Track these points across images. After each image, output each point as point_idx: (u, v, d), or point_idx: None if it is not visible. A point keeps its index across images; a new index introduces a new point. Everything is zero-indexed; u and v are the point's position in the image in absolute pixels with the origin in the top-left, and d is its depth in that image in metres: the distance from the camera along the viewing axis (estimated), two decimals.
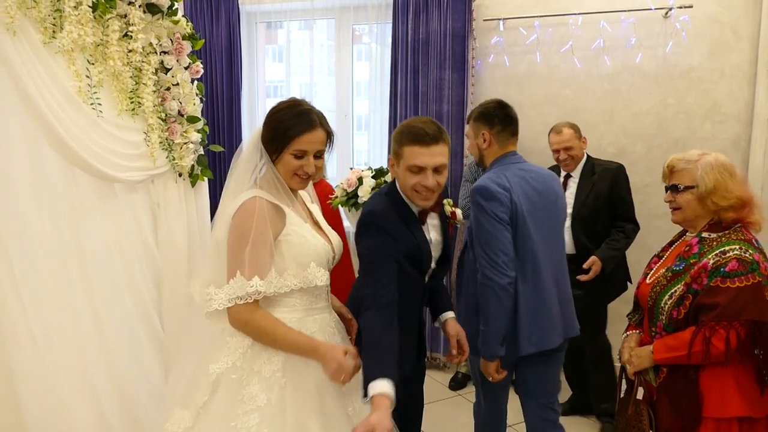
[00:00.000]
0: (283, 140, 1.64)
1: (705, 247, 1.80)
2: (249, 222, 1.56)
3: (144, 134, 2.54)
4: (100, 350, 2.38)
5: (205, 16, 4.25)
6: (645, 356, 1.85)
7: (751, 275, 1.69)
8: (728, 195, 1.78)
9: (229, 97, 4.33)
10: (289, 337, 1.59)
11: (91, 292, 2.37)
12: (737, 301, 1.67)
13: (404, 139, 1.79)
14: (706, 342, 1.67)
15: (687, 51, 3.71)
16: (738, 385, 1.72)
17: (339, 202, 2.85)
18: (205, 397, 1.60)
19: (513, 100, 3.99)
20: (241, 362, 1.60)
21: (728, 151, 3.70)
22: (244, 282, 1.55)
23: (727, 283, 1.68)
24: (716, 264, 1.72)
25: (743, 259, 1.70)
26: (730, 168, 1.82)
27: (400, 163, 1.81)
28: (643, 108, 3.81)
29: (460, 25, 3.88)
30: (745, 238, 1.77)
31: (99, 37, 2.32)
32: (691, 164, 1.84)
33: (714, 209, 1.81)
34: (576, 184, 3.27)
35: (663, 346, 1.79)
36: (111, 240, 2.48)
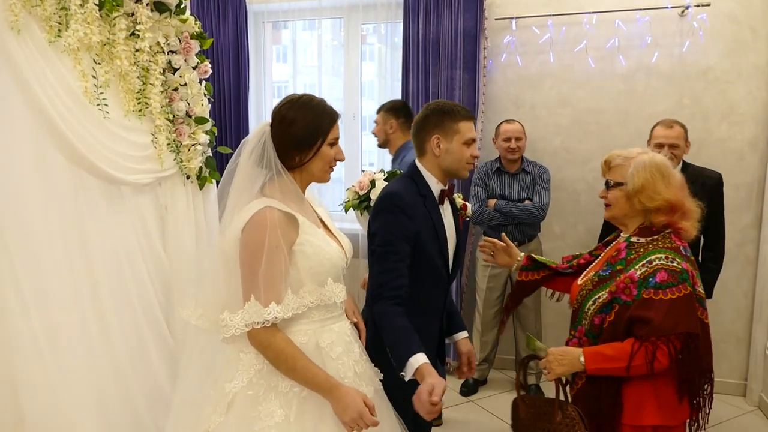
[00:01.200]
0: (321, 133, 1.60)
1: (632, 253, 1.76)
2: (261, 237, 1.48)
3: (151, 136, 2.48)
4: (106, 355, 2.34)
5: (212, 15, 4.20)
6: (572, 362, 1.73)
7: (682, 286, 1.64)
8: (655, 196, 1.72)
9: (236, 98, 4.28)
10: (310, 369, 1.50)
11: (97, 295, 2.32)
12: (672, 314, 1.62)
13: (457, 116, 1.90)
14: (651, 356, 1.61)
15: (704, 50, 3.63)
16: (656, 394, 1.69)
17: (351, 205, 2.79)
18: (220, 418, 1.52)
19: (525, 101, 3.99)
20: (257, 378, 1.53)
21: (746, 152, 3.64)
22: (260, 308, 1.47)
23: (659, 294, 1.63)
24: (644, 275, 1.67)
25: (672, 269, 1.66)
26: (665, 170, 1.76)
27: (453, 139, 1.90)
28: (659, 109, 3.74)
29: (472, 24, 3.82)
30: (673, 246, 1.72)
31: (105, 36, 2.26)
32: (626, 161, 1.80)
33: (641, 209, 1.76)
34: None
35: (599, 356, 1.69)
36: (118, 243, 2.43)
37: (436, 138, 1.91)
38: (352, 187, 2.80)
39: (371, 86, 4.51)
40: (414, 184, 1.94)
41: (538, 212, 3.53)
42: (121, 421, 2.34)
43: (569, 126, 3.90)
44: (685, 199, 1.77)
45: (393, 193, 1.90)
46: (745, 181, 3.66)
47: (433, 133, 1.91)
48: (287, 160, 1.60)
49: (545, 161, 3.80)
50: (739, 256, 3.70)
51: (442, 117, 1.91)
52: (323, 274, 1.59)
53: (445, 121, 1.91)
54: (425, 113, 1.96)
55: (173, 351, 2.61)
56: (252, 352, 1.55)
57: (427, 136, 1.93)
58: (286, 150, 1.59)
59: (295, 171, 1.62)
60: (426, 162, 1.96)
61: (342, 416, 1.49)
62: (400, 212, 1.84)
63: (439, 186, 1.97)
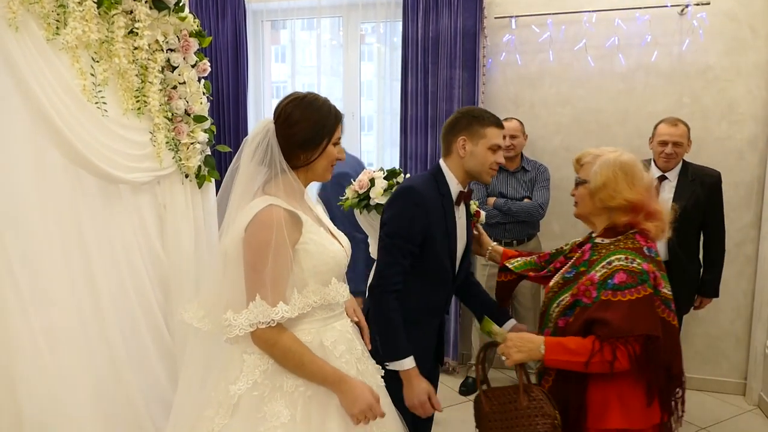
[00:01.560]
0: (327, 133, 1.60)
1: (595, 254, 1.74)
2: (267, 236, 1.46)
3: (150, 134, 2.47)
4: (104, 354, 2.33)
5: (211, 13, 4.19)
6: (532, 349, 1.68)
7: (641, 287, 1.61)
8: (616, 195, 1.70)
9: (235, 97, 4.27)
10: (316, 364, 1.51)
11: (95, 295, 2.31)
12: (630, 315, 1.58)
13: (486, 121, 1.96)
14: (612, 355, 1.57)
15: (703, 49, 3.63)
16: (620, 397, 1.65)
17: (351, 204, 2.78)
18: (224, 421, 1.50)
19: (525, 100, 3.98)
20: (262, 378, 1.51)
21: (745, 151, 3.64)
22: (266, 308, 1.46)
23: (618, 296, 1.60)
24: (603, 276, 1.65)
25: (631, 270, 1.62)
26: (630, 170, 1.72)
27: (479, 143, 1.95)
28: (658, 108, 3.73)
29: (471, 22, 3.81)
30: (635, 246, 1.68)
31: (104, 34, 2.25)
32: (594, 159, 1.78)
33: (601, 207, 1.74)
34: (673, 189, 3.10)
35: (559, 348, 1.65)
36: (116, 242, 2.42)
37: (462, 139, 1.96)
38: (351, 186, 2.78)
39: (370, 86, 4.50)
40: (435, 181, 1.99)
41: (537, 210, 3.52)
42: (119, 420, 2.33)
43: (569, 125, 3.90)
44: (650, 200, 1.73)
45: (411, 185, 1.96)
46: (745, 180, 3.65)
47: (461, 134, 1.97)
48: (292, 159, 1.59)
49: (545, 160, 3.79)
50: (739, 256, 3.70)
51: (472, 120, 1.97)
52: (327, 273, 1.58)
53: (474, 124, 1.96)
54: (457, 116, 2.03)
55: (172, 350, 2.60)
56: (256, 353, 1.53)
57: (454, 137, 1.99)
58: (291, 149, 1.58)
59: (299, 170, 1.62)
60: (450, 162, 2.02)
61: (350, 409, 1.50)
62: (414, 204, 1.90)
63: (459, 187, 2.01)
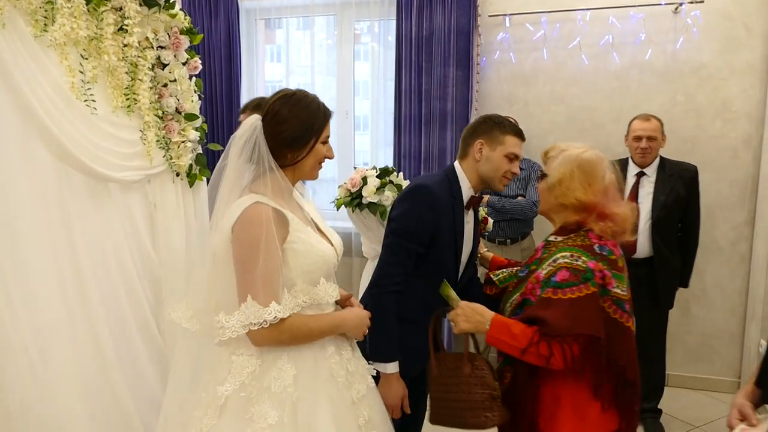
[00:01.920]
0: (316, 131, 1.58)
1: (546, 252, 1.73)
2: (256, 234, 1.44)
3: (140, 132, 2.45)
4: (94, 354, 2.30)
5: (203, 11, 4.16)
6: (480, 322, 1.65)
7: (584, 285, 1.55)
8: (569, 193, 1.66)
9: (228, 95, 4.25)
10: (319, 323, 1.57)
11: (85, 296, 2.29)
12: (569, 314, 1.52)
13: (507, 129, 1.95)
14: (548, 351, 1.53)
15: (697, 47, 3.63)
16: (572, 402, 1.60)
17: (343, 203, 2.77)
18: (212, 422, 1.49)
19: (519, 98, 3.97)
20: (250, 380, 1.49)
21: (739, 149, 3.63)
22: (258, 309, 1.43)
23: (558, 294, 1.55)
24: (548, 274, 1.61)
25: (575, 268, 1.57)
26: (589, 169, 1.67)
27: (496, 149, 1.94)
28: (652, 106, 3.72)
29: (465, 21, 3.80)
30: (584, 244, 1.64)
31: (93, 31, 2.22)
32: (559, 154, 1.75)
33: (557, 203, 1.71)
34: (653, 184, 3.17)
35: (504, 329, 1.60)
36: (106, 242, 2.39)
37: (480, 143, 1.95)
38: (343, 185, 2.77)
39: (365, 85, 4.49)
40: (448, 182, 1.98)
41: (531, 208, 3.51)
42: (108, 420, 2.30)
43: (563, 123, 3.89)
44: (606, 202, 1.67)
45: (423, 184, 1.95)
46: (739, 178, 3.65)
47: (479, 138, 1.96)
48: (279, 158, 1.57)
49: (538, 159, 3.76)
50: (733, 254, 3.70)
51: (493, 126, 1.96)
52: (315, 272, 1.57)
53: (494, 130, 1.95)
54: (479, 119, 2.03)
55: (163, 350, 2.58)
56: (244, 354, 1.52)
57: (473, 140, 1.98)
58: (278, 148, 1.56)
59: (286, 168, 1.59)
60: (465, 164, 2.00)
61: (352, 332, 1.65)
62: (424, 204, 1.89)
63: (470, 192, 2.00)
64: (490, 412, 1.64)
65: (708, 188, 3.69)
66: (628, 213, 1.69)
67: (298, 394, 1.50)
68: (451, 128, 3.88)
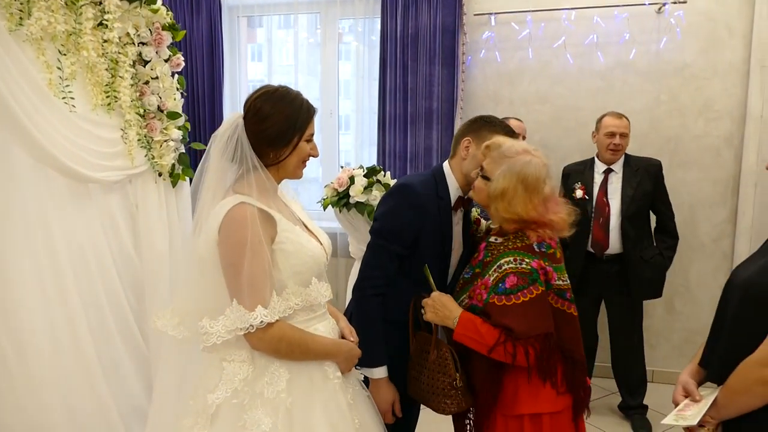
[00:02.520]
0: (298, 129, 1.53)
1: (488, 255, 1.74)
2: (242, 236, 1.40)
3: (121, 131, 2.39)
4: (75, 360, 2.25)
5: (185, 8, 4.08)
6: (447, 317, 1.70)
7: (533, 287, 1.62)
8: (510, 209, 1.66)
9: (210, 94, 4.17)
10: (318, 342, 1.54)
11: (65, 301, 2.23)
12: (527, 317, 1.61)
13: (497, 128, 1.91)
14: (513, 350, 1.60)
15: (680, 47, 3.65)
16: (529, 384, 1.67)
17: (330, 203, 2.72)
18: (204, 431, 1.44)
19: (504, 97, 3.96)
20: (242, 386, 1.45)
21: (721, 148, 3.67)
22: (244, 313, 1.39)
23: (512, 299, 1.62)
24: (495, 280, 1.65)
25: (521, 272, 1.63)
26: (532, 185, 1.66)
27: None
28: (636, 105, 3.75)
29: (450, 19, 3.78)
30: (524, 244, 1.67)
31: (71, 26, 2.16)
32: (502, 158, 1.71)
33: (495, 211, 1.71)
34: (620, 179, 3.23)
35: (471, 326, 1.65)
36: (86, 245, 2.33)
37: (467, 140, 1.92)
38: (330, 184, 2.73)
39: (348, 85, 4.45)
40: (434, 181, 1.93)
41: None
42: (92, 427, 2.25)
43: (548, 122, 3.89)
44: (546, 213, 1.69)
45: (407, 183, 1.91)
46: (721, 177, 3.69)
47: (467, 135, 1.93)
48: (262, 157, 1.52)
49: None
50: (716, 251, 3.73)
51: (482, 125, 1.93)
52: (306, 273, 1.53)
53: (483, 129, 1.92)
54: (472, 119, 1.99)
55: (145, 354, 2.52)
56: (236, 360, 1.47)
57: (461, 138, 1.95)
58: (260, 146, 1.51)
59: (270, 167, 1.54)
60: (453, 163, 1.97)
61: (344, 365, 1.61)
62: (407, 203, 1.85)
63: (458, 192, 1.95)
64: (449, 399, 1.71)
65: (691, 186, 3.73)
66: (565, 217, 1.72)
67: (292, 399, 1.46)
68: (436, 127, 3.86)
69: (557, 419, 1.69)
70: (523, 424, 1.68)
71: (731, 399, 1.36)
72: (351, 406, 1.57)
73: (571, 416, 1.73)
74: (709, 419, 1.39)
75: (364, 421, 1.61)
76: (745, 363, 1.33)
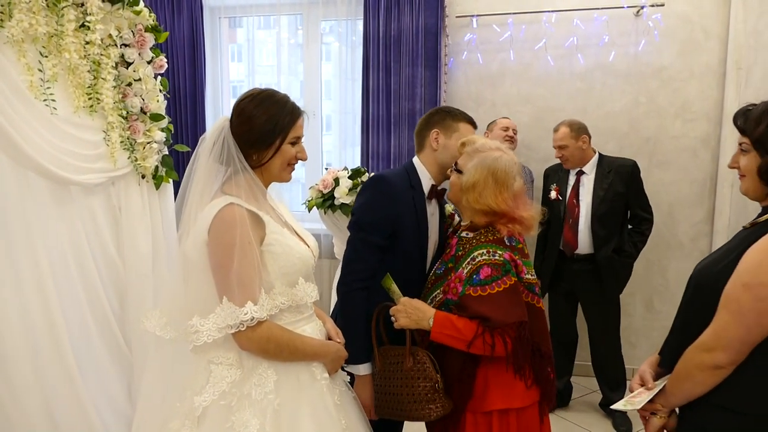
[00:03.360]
0: (281, 130, 1.53)
1: (460, 249, 1.78)
2: (231, 236, 1.40)
3: (103, 133, 2.36)
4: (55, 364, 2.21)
5: (166, 9, 4.05)
6: (421, 319, 1.71)
7: (506, 277, 1.66)
8: (480, 200, 1.72)
9: (192, 95, 4.15)
10: (306, 343, 1.54)
11: (45, 304, 2.20)
12: (501, 306, 1.64)
13: (459, 117, 2.01)
14: (492, 340, 1.63)
15: (658, 50, 3.72)
16: (499, 380, 1.70)
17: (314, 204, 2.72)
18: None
19: (486, 99, 3.99)
20: (230, 388, 1.45)
21: (698, 149, 3.74)
22: (234, 309, 1.39)
23: (487, 290, 1.65)
24: (469, 272, 1.69)
25: (494, 263, 1.67)
26: (502, 177, 1.73)
27: (452, 136, 1.97)
28: (616, 107, 3.81)
29: (433, 21, 3.80)
30: (495, 238, 1.72)
31: (53, 27, 2.13)
32: (475, 153, 1.79)
33: (467, 206, 1.77)
34: (591, 181, 3.29)
35: (448, 323, 1.67)
36: (67, 248, 2.30)
37: (436, 132, 1.98)
38: (315, 186, 2.73)
39: (330, 86, 4.45)
40: (406, 173, 1.99)
41: None
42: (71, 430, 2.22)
43: (529, 123, 3.93)
44: (516, 208, 1.75)
45: (381, 175, 1.97)
46: (698, 177, 3.76)
47: (434, 128, 1.99)
48: (246, 158, 1.53)
49: None
50: (694, 250, 3.80)
51: (445, 116, 2.01)
52: (294, 274, 1.54)
53: (447, 119, 2.00)
54: (431, 112, 2.06)
55: (128, 358, 2.50)
56: (224, 363, 1.47)
57: (428, 131, 2.00)
58: (243, 148, 1.52)
59: (255, 169, 1.55)
60: (423, 157, 2.02)
61: (330, 366, 1.61)
62: (381, 193, 1.89)
63: (431, 182, 2.00)
64: (433, 404, 1.70)
65: (669, 186, 3.80)
66: (534, 215, 1.78)
67: (279, 400, 1.46)
68: None
69: (524, 415, 1.72)
70: (491, 421, 1.71)
71: (676, 385, 1.41)
72: (338, 407, 1.58)
73: (537, 411, 1.76)
74: (659, 407, 1.44)
75: (350, 421, 1.62)
76: (688, 349, 1.37)
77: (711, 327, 1.33)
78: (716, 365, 1.30)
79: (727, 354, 1.29)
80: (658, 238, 3.82)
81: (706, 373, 1.33)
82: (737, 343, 1.28)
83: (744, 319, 1.26)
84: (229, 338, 1.44)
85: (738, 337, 1.28)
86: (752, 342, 1.28)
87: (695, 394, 1.37)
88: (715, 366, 1.31)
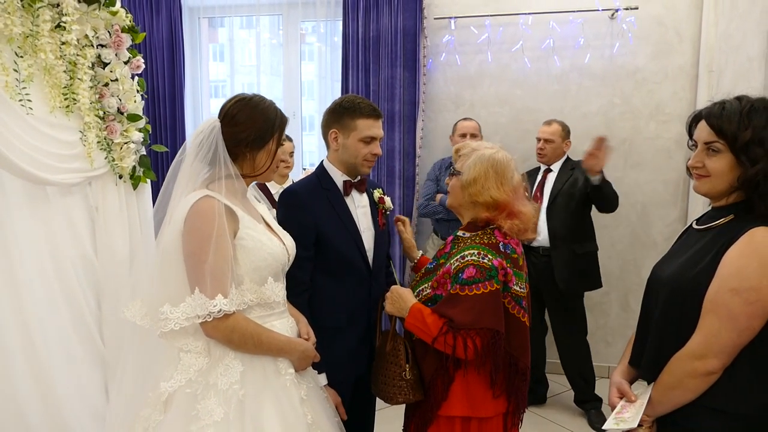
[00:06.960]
0: (271, 135, 1.62)
1: (455, 247, 1.81)
2: (208, 228, 1.44)
3: (80, 133, 2.35)
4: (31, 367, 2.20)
5: (144, 9, 4.04)
6: (402, 308, 1.78)
7: (488, 282, 1.66)
8: (483, 192, 1.75)
9: (171, 95, 4.14)
10: (272, 337, 1.57)
11: (20, 305, 2.19)
12: (474, 309, 1.64)
13: (357, 113, 1.93)
14: (453, 341, 1.64)
15: (632, 52, 3.79)
16: (466, 388, 1.72)
17: None
18: (159, 417, 1.47)
19: (465, 100, 4.04)
20: (197, 376, 1.49)
21: (672, 150, 3.81)
22: (205, 300, 1.43)
23: (465, 290, 1.66)
24: (456, 269, 1.70)
25: (481, 266, 1.67)
26: (501, 169, 1.77)
27: (350, 135, 1.94)
28: (592, 108, 3.87)
29: (412, 23, 3.84)
30: (490, 242, 1.73)
31: (28, 28, 2.12)
32: (471, 153, 1.83)
33: (469, 201, 1.80)
34: (555, 176, 3.42)
35: (419, 316, 1.71)
36: (43, 248, 2.29)
37: (334, 132, 1.97)
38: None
39: (311, 86, 4.47)
40: (317, 179, 2.00)
41: None
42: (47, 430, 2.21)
43: (507, 124, 3.99)
44: (515, 201, 1.77)
45: (287, 190, 1.99)
46: (672, 178, 3.83)
47: (332, 127, 1.98)
48: (237, 158, 1.59)
49: None
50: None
51: (343, 113, 1.96)
52: (265, 269, 1.57)
53: (344, 117, 1.95)
54: (329, 109, 2.01)
55: (104, 358, 2.49)
56: (192, 351, 1.51)
57: (327, 130, 2.00)
58: (237, 148, 1.58)
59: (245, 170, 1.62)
60: (330, 156, 2.03)
61: (297, 363, 1.63)
62: (290, 207, 1.93)
63: (343, 177, 2.00)
64: (396, 390, 1.78)
65: (643, 187, 3.87)
66: (532, 212, 1.81)
67: (244, 391, 1.50)
68: (399, 129, 3.91)
69: (487, 426, 1.73)
70: (454, 427, 1.73)
71: (665, 395, 1.39)
72: (303, 402, 1.61)
73: (501, 423, 1.76)
74: (645, 417, 1.41)
75: (317, 416, 1.65)
76: (675, 357, 1.36)
77: (699, 334, 1.32)
78: (709, 372, 1.31)
79: (720, 359, 1.30)
80: (632, 237, 3.90)
81: (698, 380, 1.33)
82: (730, 348, 1.29)
83: (736, 324, 1.27)
84: (199, 327, 1.48)
85: (730, 342, 1.29)
86: (742, 345, 1.30)
87: (685, 401, 1.36)
88: (707, 373, 1.31)
